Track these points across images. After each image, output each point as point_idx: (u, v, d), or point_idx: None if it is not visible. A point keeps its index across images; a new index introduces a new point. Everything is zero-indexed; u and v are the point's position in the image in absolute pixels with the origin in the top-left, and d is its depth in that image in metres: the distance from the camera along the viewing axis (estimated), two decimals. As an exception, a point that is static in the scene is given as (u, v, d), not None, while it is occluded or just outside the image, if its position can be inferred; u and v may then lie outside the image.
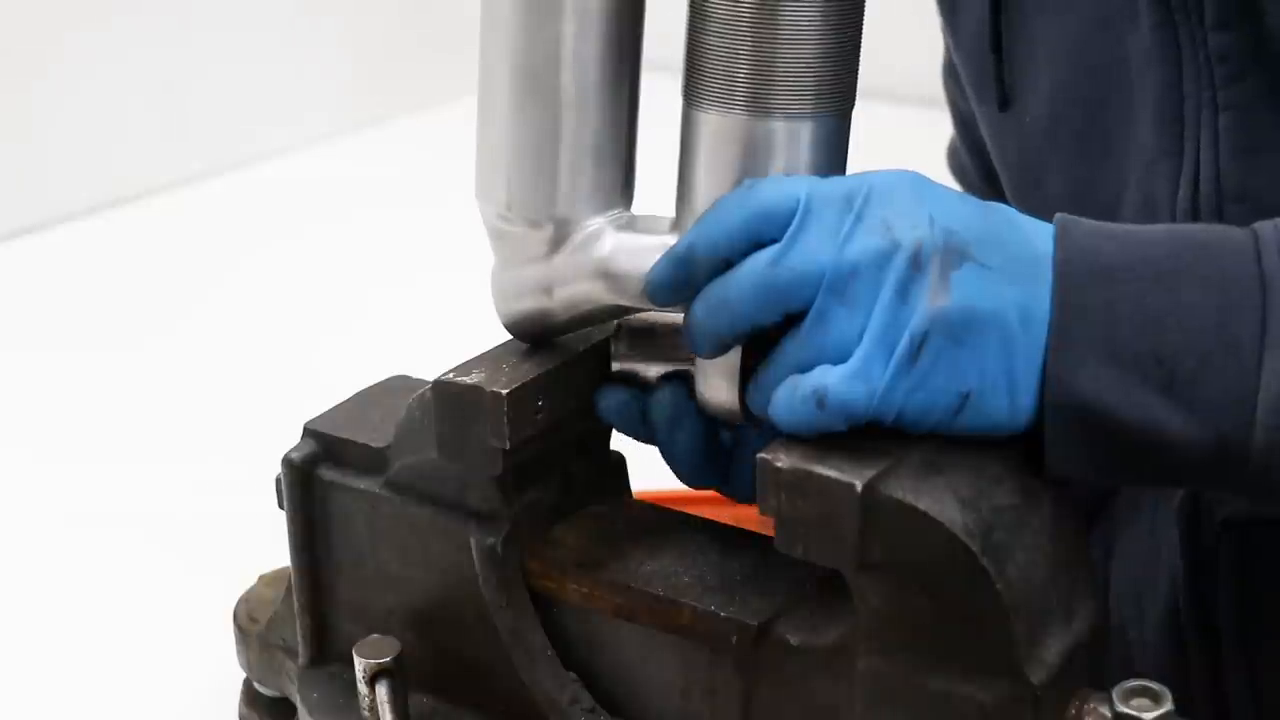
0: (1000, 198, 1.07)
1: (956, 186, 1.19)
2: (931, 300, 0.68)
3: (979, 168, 1.15)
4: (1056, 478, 0.71)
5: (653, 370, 0.81)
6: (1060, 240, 0.70)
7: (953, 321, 0.68)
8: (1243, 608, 0.93)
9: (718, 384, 0.76)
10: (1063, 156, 0.97)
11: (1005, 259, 0.69)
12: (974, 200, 0.72)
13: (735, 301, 0.71)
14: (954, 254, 0.68)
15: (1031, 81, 0.97)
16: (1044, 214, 0.97)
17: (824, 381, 0.69)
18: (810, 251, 0.69)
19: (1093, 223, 0.72)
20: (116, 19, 2.16)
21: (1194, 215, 0.87)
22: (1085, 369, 0.68)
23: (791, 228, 0.70)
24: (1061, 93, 0.95)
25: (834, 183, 0.71)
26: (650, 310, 0.78)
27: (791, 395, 0.70)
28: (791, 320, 0.71)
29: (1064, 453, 0.70)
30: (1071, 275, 0.69)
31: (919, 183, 0.71)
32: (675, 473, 0.82)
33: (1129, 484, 0.90)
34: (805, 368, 0.70)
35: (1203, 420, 0.68)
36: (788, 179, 0.72)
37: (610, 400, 0.81)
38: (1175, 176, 0.88)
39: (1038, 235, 0.71)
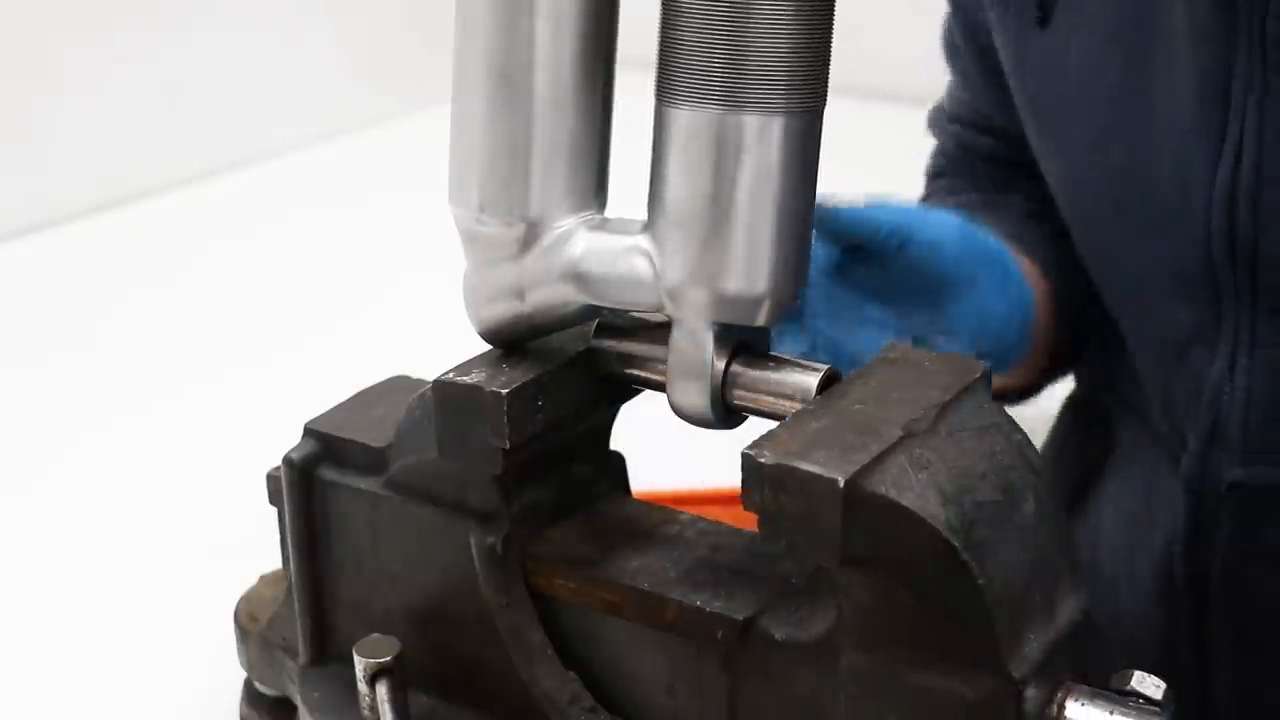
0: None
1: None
2: None
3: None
4: None
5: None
6: None
7: None
8: (1235, 568, 0.94)
9: (688, 388, 0.76)
10: (1097, 105, 0.95)
11: None
12: None
13: None
14: None
15: (1079, 15, 0.96)
16: (1064, 156, 0.95)
17: None
18: None
19: None
20: (116, 19, 2.16)
21: (1231, 195, 0.88)
22: None
23: None
24: (1109, 44, 0.94)
25: None
26: (623, 309, 0.78)
27: None
28: None
29: None
30: None
31: None
32: None
33: None
34: None
35: None
36: None
37: None
38: (1215, 155, 0.88)
39: None
